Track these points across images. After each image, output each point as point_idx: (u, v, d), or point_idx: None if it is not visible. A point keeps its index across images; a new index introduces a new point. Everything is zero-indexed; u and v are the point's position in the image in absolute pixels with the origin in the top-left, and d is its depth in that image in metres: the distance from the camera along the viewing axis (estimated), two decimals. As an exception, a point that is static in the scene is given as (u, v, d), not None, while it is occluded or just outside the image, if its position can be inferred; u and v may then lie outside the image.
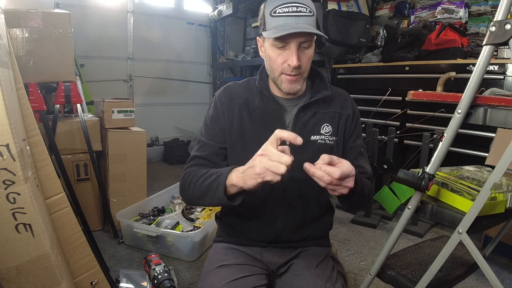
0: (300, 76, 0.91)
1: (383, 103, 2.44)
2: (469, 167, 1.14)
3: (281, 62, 0.89)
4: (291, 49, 0.86)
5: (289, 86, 0.91)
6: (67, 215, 1.22)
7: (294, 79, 0.90)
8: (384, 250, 1.05)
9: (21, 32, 1.69)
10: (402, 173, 0.91)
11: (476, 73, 0.85)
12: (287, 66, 0.88)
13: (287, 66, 0.88)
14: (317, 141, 0.96)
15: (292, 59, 0.86)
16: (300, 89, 0.94)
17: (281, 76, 0.91)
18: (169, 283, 1.48)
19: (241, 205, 0.99)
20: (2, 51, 0.98)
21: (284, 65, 0.89)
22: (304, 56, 0.88)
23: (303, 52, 0.88)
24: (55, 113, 1.96)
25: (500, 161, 0.79)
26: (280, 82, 0.92)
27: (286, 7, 0.84)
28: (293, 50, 0.86)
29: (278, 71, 0.91)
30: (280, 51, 0.88)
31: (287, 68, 0.88)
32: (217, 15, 4.09)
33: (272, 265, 1.00)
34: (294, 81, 0.91)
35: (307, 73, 0.94)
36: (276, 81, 0.93)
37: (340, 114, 0.99)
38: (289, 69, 0.88)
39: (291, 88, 0.92)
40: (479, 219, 0.85)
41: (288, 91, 0.92)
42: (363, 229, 2.40)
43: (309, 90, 1.01)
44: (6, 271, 0.90)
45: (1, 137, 0.84)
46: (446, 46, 2.32)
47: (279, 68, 0.90)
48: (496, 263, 1.93)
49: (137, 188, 2.29)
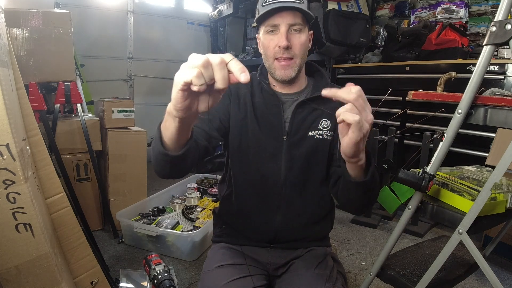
0: (293, 62, 0.91)
1: (383, 103, 2.44)
2: (469, 167, 1.14)
3: (272, 46, 0.90)
4: (280, 31, 0.88)
5: (282, 73, 0.91)
6: (67, 215, 1.22)
7: (286, 64, 0.90)
8: (384, 250, 1.05)
9: (21, 32, 1.69)
10: (403, 173, 0.91)
11: (476, 73, 0.85)
12: (278, 48, 0.89)
13: (278, 49, 0.89)
14: (315, 136, 0.96)
15: (281, 40, 0.88)
16: (294, 76, 0.93)
17: (274, 63, 0.92)
18: (169, 283, 1.48)
19: (240, 203, 1.00)
20: (2, 50, 0.97)
21: (276, 48, 0.90)
22: (295, 40, 0.89)
23: (293, 36, 0.89)
24: (55, 113, 1.96)
25: (500, 161, 0.79)
26: (274, 69, 0.93)
27: None
28: (282, 31, 0.88)
29: (271, 57, 0.92)
30: (271, 36, 0.90)
31: (278, 51, 0.89)
32: (217, 15, 4.08)
33: (272, 266, 1.00)
34: (287, 66, 0.91)
35: (301, 60, 0.93)
36: (270, 68, 0.94)
37: None
38: (280, 51, 0.89)
39: (284, 74, 0.91)
40: (479, 219, 0.85)
41: (282, 77, 0.92)
42: (363, 229, 2.40)
43: (309, 86, 1.01)
44: (6, 271, 0.90)
45: (1, 137, 0.84)
46: (446, 46, 2.32)
47: (271, 53, 0.91)
48: (496, 263, 1.93)
49: (137, 187, 2.28)
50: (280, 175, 0.95)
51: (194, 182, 2.83)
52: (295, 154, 0.95)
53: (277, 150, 0.95)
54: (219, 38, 4.54)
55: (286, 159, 0.95)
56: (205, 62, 0.48)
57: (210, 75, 0.48)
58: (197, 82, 0.48)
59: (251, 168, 0.97)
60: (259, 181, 0.96)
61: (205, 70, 0.48)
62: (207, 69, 0.48)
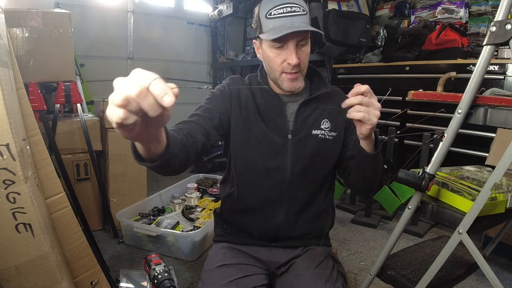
0: (300, 73, 0.93)
1: (383, 103, 2.42)
2: (469, 167, 1.14)
3: (280, 61, 0.90)
4: (289, 48, 0.88)
5: (290, 85, 0.93)
6: (67, 215, 1.22)
7: (295, 77, 0.92)
8: (384, 250, 1.05)
9: (21, 32, 1.69)
10: (403, 173, 0.91)
11: (476, 73, 0.85)
12: (287, 65, 0.90)
13: (287, 65, 0.90)
14: (318, 135, 0.98)
15: (291, 58, 0.88)
16: (301, 86, 0.95)
17: (281, 76, 0.93)
18: (169, 283, 1.48)
19: (243, 201, 1.00)
20: (2, 50, 0.98)
21: (284, 64, 0.90)
22: (302, 54, 0.90)
23: (300, 50, 0.90)
24: (55, 113, 1.96)
25: (500, 161, 0.79)
26: (282, 81, 0.93)
27: (281, 8, 0.87)
28: (291, 49, 0.88)
29: (278, 71, 0.92)
30: (278, 51, 0.90)
31: (287, 67, 0.90)
32: (217, 15, 4.08)
33: (273, 265, 1.01)
34: (295, 79, 0.92)
35: (306, 69, 0.95)
36: (277, 81, 0.94)
37: (338, 111, 1.01)
38: (289, 67, 0.90)
39: (292, 86, 0.93)
40: (479, 219, 0.85)
41: (290, 89, 0.94)
42: (363, 229, 2.40)
43: (308, 87, 1.02)
44: (6, 271, 0.90)
45: (1, 137, 0.84)
46: (446, 46, 2.32)
47: (279, 68, 0.91)
48: (496, 263, 1.93)
49: (137, 187, 2.28)
50: (286, 173, 0.96)
51: (194, 182, 2.83)
52: (300, 152, 0.96)
53: (283, 148, 0.96)
54: (219, 38, 4.54)
55: (291, 157, 0.96)
56: (124, 100, 0.41)
57: (136, 110, 0.42)
58: (127, 122, 0.42)
59: (256, 166, 0.97)
60: (264, 179, 0.97)
61: (129, 106, 0.41)
62: (130, 104, 0.41)
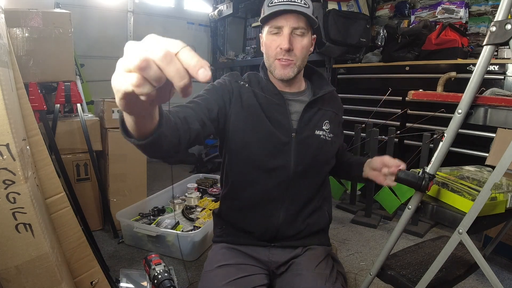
0: (292, 63, 0.93)
1: (383, 103, 2.44)
2: (469, 167, 1.14)
3: (274, 47, 0.92)
4: (283, 34, 0.90)
5: (281, 72, 0.93)
6: (67, 215, 1.22)
7: (286, 64, 0.92)
8: (384, 250, 1.05)
9: (21, 32, 1.69)
10: (403, 173, 0.91)
11: (476, 73, 0.85)
12: (280, 50, 0.91)
13: (279, 50, 0.91)
14: (320, 136, 0.99)
15: (283, 42, 0.90)
16: (292, 76, 0.95)
17: (274, 62, 0.94)
18: (169, 283, 1.48)
19: (243, 201, 1.00)
20: (2, 50, 0.98)
21: (277, 49, 0.92)
22: (297, 43, 0.91)
23: (295, 39, 0.91)
24: (55, 113, 1.96)
25: (500, 161, 0.79)
26: (274, 68, 0.94)
27: None
28: (285, 34, 0.90)
29: (272, 57, 0.94)
30: (274, 37, 0.92)
31: (280, 52, 0.91)
32: (217, 15, 4.08)
33: (272, 265, 1.00)
34: (286, 66, 0.93)
35: (301, 62, 0.95)
36: (271, 67, 0.96)
37: (336, 115, 1.04)
38: (281, 52, 0.91)
39: (283, 73, 0.93)
40: (479, 219, 0.85)
41: (281, 76, 0.94)
42: (363, 229, 2.40)
43: (310, 87, 1.04)
44: (6, 271, 0.90)
45: (1, 137, 0.84)
46: (446, 46, 2.32)
47: (273, 53, 0.93)
48: (496, 263, 1.93)
49: (137, 187, 2.28)
50: (289, 171, 0.96)
51: (194, 182, 2.83)
52: (304, 151, 0.97)
53: (287, 146, 0.96)
54: (219, 38, 4.54)
55: (295, 155, 0.96)
56: (144, 61, 0.33)
57: (156, 76, 0.34)
58: (141, 92, 0.35)
59: (258, 164, 0.96)
60: (267, 177, 0.97)
61: (147, 72, 0.34)
62: (149, 70, 0.34)
